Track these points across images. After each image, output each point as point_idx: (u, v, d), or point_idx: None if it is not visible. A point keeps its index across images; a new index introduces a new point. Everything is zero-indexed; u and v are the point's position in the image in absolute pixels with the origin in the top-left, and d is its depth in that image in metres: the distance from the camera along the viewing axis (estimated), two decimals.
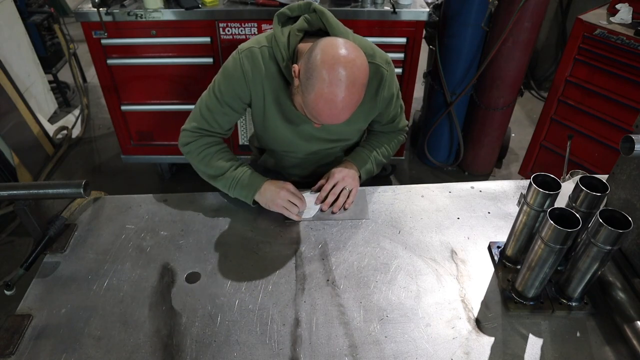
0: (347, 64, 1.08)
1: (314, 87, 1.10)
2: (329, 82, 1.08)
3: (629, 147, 0.91)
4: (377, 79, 1.36)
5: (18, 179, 2.83)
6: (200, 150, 1.42)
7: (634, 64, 2.17)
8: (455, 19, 2.56)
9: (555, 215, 0.93)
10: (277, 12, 1.30)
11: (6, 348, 1.00)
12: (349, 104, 1.12)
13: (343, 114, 1.14)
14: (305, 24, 1.27)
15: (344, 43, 1.12)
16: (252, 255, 1.24)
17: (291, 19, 1.31)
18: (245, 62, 1.31)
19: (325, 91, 1.09)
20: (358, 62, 1.11)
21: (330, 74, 1.07)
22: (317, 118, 1.17)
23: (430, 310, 1.09)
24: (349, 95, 1.10)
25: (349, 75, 1.08)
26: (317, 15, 1.26)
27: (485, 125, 2.89)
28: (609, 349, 1.01)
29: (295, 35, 1.26)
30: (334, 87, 1.08)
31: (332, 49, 1.10)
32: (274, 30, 1.28)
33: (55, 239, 1.26)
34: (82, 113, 3.67)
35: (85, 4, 2.29)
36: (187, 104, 2.63)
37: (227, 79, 1.35)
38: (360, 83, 1.12)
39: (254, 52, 1.31)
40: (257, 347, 1.01)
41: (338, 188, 1.40)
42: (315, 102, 1.12)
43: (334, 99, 1.09)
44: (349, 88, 1.09)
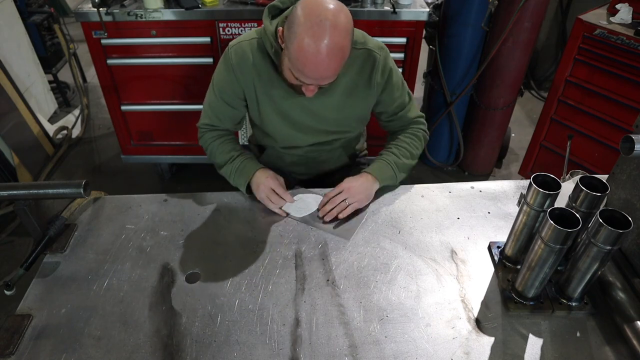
0: (326, 9, 1.09)
1: (295, 35, 1.10)
2: (310, 28, 1.08)
3: (629, 147, 0.91)
4: (369, 63, 1.36)
5: (18, 179, 2.83)
6: (208, 144, 1.49)
7: (634, 64, 2.16)
8: (455, 19, 2.56)
9: (555, 215, 0.93)
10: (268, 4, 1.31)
11: (6, 348, 1.00)
12: (332, 50, 1.11)
13: (329, 62, 1.13)
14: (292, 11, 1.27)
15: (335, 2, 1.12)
16: (252, 255, 1.24)
17: (283, 11, 1.32)
18: (233, 57, 1.33)
19: (307, 34, 1.09)
20: (338, 7, 1.12)
21: (311, 19, 1.08)
22: (304, 72, 1.15)
23: (430, 310, 1.09)
24: (332, 40, 1.09)
25: (332, 20, 1.09)
26: None
27: (485, 125, 2.89)
28: (609, 349, 1.01)
29: (283, 23, 1.24)
30: (315, 29, 1.08)
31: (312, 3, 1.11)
32: (264, 21, 1.29)
33: (55, 239, 1.26)
34: (82, 113, 3.67)
35: (85, 4, 2.29)
36: (187, 104, 2.63)
37: (220, 75, 1.38)
38: (342, 27, 1.11)
39: (243, 45, 1.33)
40: (257, 347, 1.01)
41: (339, 198, 1.35)
42: (298, 51, 1.11)
43: (317, 46, 1.09)
44: (331, 32, 1.09)
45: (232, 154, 1.44)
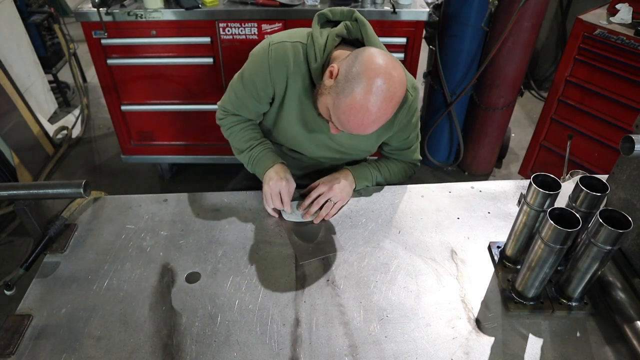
0: (390, 78, 1.07)
1: (352, 91, 1.08)
2: (369, 90, 1.06)
3: (629, 147, 0.91)
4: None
5: (18, 179, 2.83)
6: (228, 127, 1.48)
7: (634, 64, 2.17)
8: (455, 19, 2.56)
9: (555, 215, 0.93)
10: (318, 11, 1.29)
11: (6, 348, 1.00)
12: (380, 117, 1.11)
13: (371, 126, 1.12)
14: (344, 30, 1.25)
15: (390, 58, 1.11)
16: (252, 255, 1.24)
17: (330, 22, 1.30)
18: (273, 55, 1.29)
19: (362, 98, 1.07)
20: (400, 79, 1.10)
21: (373, 83, 1.06)
22: (344, 124, 1.14)
23: (430, 310, 1.09)
24: (384, 108, 1.09)
25: (389, 89, 1.07)
26: (357, 25, 1.25)
27: (485, 125, 2.90)
28: (609, 349, 1.01)
29: (334, 40, 1.24)
30: (373, 96, 1.06)
31: (378, 59, 1.09)
32: (313, 29, 1.27)
33: (55, 239, 1.26)
34: (82, 113, 3.67)
35: (85, 4, 2.29)
36: (187, 104, 2.63)
37: (254, 68, 1.34)
38: (396, 99, 1.11)
39: (285, 46, 1.28)
40: (257, 347, 1.01)
41: (322, 199, 1.35)
42: (349, 107, 1.09)
43: (369, 107, 1.08)
44: (386, 101, 1.08)
45: (252, 143, 1.44)
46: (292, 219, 1.35)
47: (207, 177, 3.12)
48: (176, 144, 2.83)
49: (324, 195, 1.35)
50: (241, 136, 1.46)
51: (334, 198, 1.35)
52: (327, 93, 1.15)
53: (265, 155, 1.42)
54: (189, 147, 2.83)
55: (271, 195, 1.34)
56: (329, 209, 1.35)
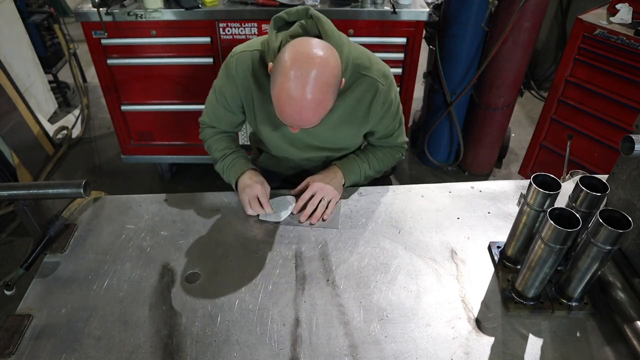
0: (310, 60, 1.06)
1: (276, 81, 1.09)
2: (291, 77, 1.06)
3: (629, 147, 0.91)
4: (371, 91, 1.32)
5: (18, 179, 2.83)
6: (207, 138, 1.53)
7: (634, 64, 2.16)
8: (455, 19, 2.56)
9: (555, 215, 0.93)
10: (274, 15, 1.28)
11: (6, 348, 1.00)
12: (311, 105, 1.09)
13: (307, 114, 1.11)
14: (300, 29, 1.22)
15: (315, 42, 1.10)
16: (252, 255, 1.24)
17: (289, 24, 1.28)
18: (234, 66, 1.32)
19: (286, 86, 1.07)
20: (324, 60, 1.08)
21: (293, 69, 1.06)
22: (282, 117, 1.14)
23: (430, 310, 1.09)
24: (311, 93, 1.07)
25: (311, 72, 1.05)
26: (313, 22, 1.21)
27: (485, 125, 2.89)
28: (609, 349, 1.01)
29: (288, 41, 1.21)
30: (294, 82, 1.06)
31: (301, 46, 1.09)
32: (269, 34, 1.26)
33: (55, 239, 1.26)
34: (82, 113, 3.67)
35: (85, 4, 2.29)
36: (187, 104, 2.63)
37: (221, 81, 1.39)
38: (323, 82, 1.08)
39: (245, 55, 1.32)
40: (257, 347, 1.01)
41: (316, 199, 1.36)
42: (277, 98, 1.10)
43: (293, 94, 1.07)
44: (311, 85, 1.06)
45: (226, 152, 1.47)
46: (271, 219, 1.35)
47: (207, 177, 3.12)
48: (176, 144, 2.83)
49: (317, 195, 1.37)
50: (216, 147, 1.50)
51: (327, 196, 1.36)
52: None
53: (236, 162, 1.44)
54: (189, 147, 2.83)
55: (249, 201, 1.35)
56: (324, 207, 1.35)
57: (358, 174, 1.47)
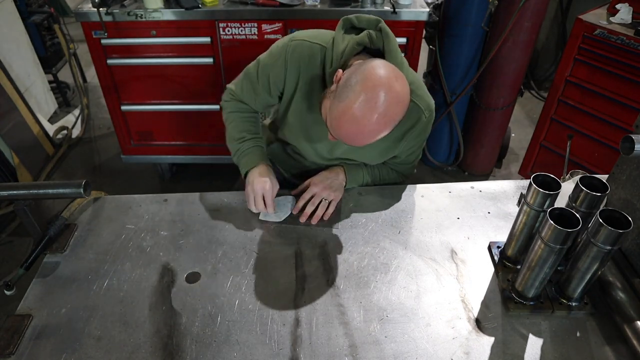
0: (389, 91, 1.03)
1: (346, 98, 1.05)
2: (363, 100, 1.02)
3: (629, 147, 0.91)
4: (412, 119, 1.29)
5: (18, 179, 2.83)
6: (229, 111, 1.48)
7: (634, 64, 2.17)
8: (455, 19, 2.56)
9: (555, 215, 0.93)
10: (344, 17, 1.26)
11: (6, 348, 1.00)
12: (373, 131, 1.07)
13: (363, 139, 1.09)
14: (367, 39, 1.21)
15: (396, 73, 1.07)
16: (252, 255, 1.24)
17: (355, 29, 1.27)
18: (291, 50, 1.28)
19: (355, 107, 1.03)
20: (399, 95, 1.05)
21: (368, 94, 1.02)
22: (336, 131, 1.11)
23: (430, 310, 1.09)
24: (377, 122, 1.04)
25: (384, 103, 1.02)
26: (381, 35, 1.20)
27: (485, 125, 2.90)
28: (609, 349, 1.01)
29: (353, 48, 1.21)
30: (366, 107, 1.02)
31: (381, 70, 1.05)
32: (336, 34, 1.25)
33: (55, 239, 1.26)
34: (82, 113, 3.67)
35: (85, 4, 2.29)
36: (187, 104, 2.63)
37: (271, 59, 1.34)
38: (393, 116, 1.06)
39: (305, 46, 1.28)
40: (257, 347, 1.01)
41: (317, 199, 1.35)
42: (341, 114, 1.06)
43: (361, 119, 1.04)
44: (380, 116, 1.03)
45: (244, 135, 1.43)
46: (271, 219, 1.34)
47: (207, 177, 3.12)
48: (176, 144, 2.83)
49: (318, 195, 1.36)
50: (237, 124, 1.45)
51: (327, 197, 1.36)
52: (328, 97, 1.14)
53: (252, 152, 1.40)
54: (189, 147, 2.83)
55: (254, 197, 1.33)
56: (324, 208, 1.35)
57: (360, 180, 1.46)
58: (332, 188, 1.38)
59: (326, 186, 1.38)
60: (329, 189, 1.37)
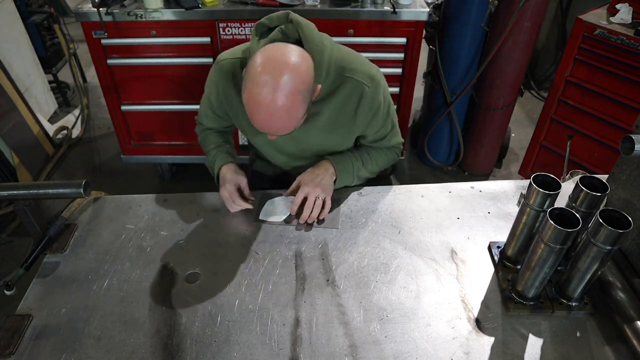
0: (279, 66, 1.04)
1: (246, 87, 1.07)
2: (259, 82, 1.03)
3: (629, 147, 0.91)
4: (356, 94, 1.29)
5: (18, 179, 2.83)
6: (200, 138, 1.59)
7: (634, 64, 2.16)
8: (455, 19, 2.56)
9: (555, 215, 0.93)
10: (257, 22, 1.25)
11: (6, 348, 1.00)
12: (280, 110, 1.06)
13: (276, 121, 1.08)
14: (280, 35, 1.20)
15: (286, 48, 1.08)
16: (252, 255, 1.24)
17: (271, 30, 1.25)
18: (216, 74, 1.34)
19: (254, 91, 1.04)
20: (294, 66, 1.05)
21: (262, 75, 1.03)
22: (253, 123, 1.11)
23: (430, 310, 1.09)
24: (278, 99, 1.04)
25: (280, 78, 1.03)
26: (293, 26, 1.19)
27: (485, 125, 2.89)
28: (609, 349, 1.01)
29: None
30: (263, 88, 1.03)
31: (272, 51, 1.07)
32: (251, 41, 1.24)
33: (55, 239, 1.26)
34: (82, 113, 3.67)
35: (85, 4, 2.29)
36: (187, 104, 2.63)
37: (208, 85, 1.42)
38: (292, 89, 1.05)
39: (227, 63, 1.33)
40: (257, 347, 1.01)
41: (311, 200, 1.33)
42: (246, 103, 1.08)
43: (261, 100, 1.04)
44: (279, 91, 1.03)
45: (210, 147, 1.51)
46: (271, 219, 1.34)
47: (207, 177, 3.11)
48: (176, 144, 2.83)
49: (311, 195, 1.33)
50: (205, 143, 1.54)
51: (320, 195, 1.34)
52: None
53: (217, 158, 1.46)
54: (189, 147, 2.83)
55: (230, 196, 1.35)
56: (319, 208, 1.33)
57: (351, 172, 1.43)
58: (322, 185, 1.35)
59: (316, 184, 1.35)
60: (319, 187, 1.35)
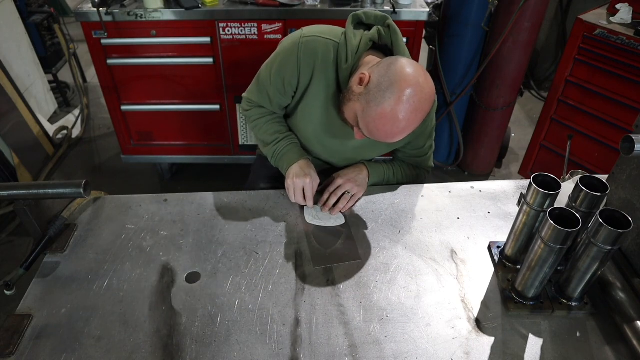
0: (420, 89, 1.08)
1: (383, 101, 1.08)
2: (400, 101, 1.07)
3: (629, 147, 0.91)
4: None
5: (18, 179, 2.83)
6: (254, 119, 1.48)
7: (634, 64, 2.17)
8: (455, 19, 2.56)
9: (555, 215, 0.93)
10: (352, 12, 1.28)
11: (6, 348, 1.00)
12: (408, 127, 1.12)
13: (399, 135, 1.14)
14: (377, 35, 1.25)
15: (420, 68, 1.11)
16: (252, 255, 1.24)
17: (362, 25, 1.29)
18: (303, 48, 1.28)
19: (393, 108, 1.07)
20: (429, 90, 1.11)
21: (404, 94, 1.06)
22: (373, 132, 1.14)
23: (430, 310, 1.09)
24: (413, 118, 1.10)
25: (420, 100, 1.08)
26: (389, 32, 1.24)
27: (485, 125, 2.90)
28: (609, 349, 1.01)
29: (366, 44, 1.23)
30: (404, 106, 1.07)
31: (411, 70, 1.09)
32: (347, 30, 1.26)
33: (55, 239, 1.26)
34: (82, 113, 3.67)
35: (85, 4, 2.29)
36: (187, 104, 2.63)
37: (283, 59, 1.33)
38: (425, 109, 1.11)
39: (318, 41, 1.28)
40: (257, 347, 1.01)
41: (340, 191, 1.37)
42: (379, 116, 1.10)
43: (399, 117, 1.08)
44: (415, 112, 1.09)
45: (277, 136, 1.44)
46: (316, 222, 1.34)
47: (207, 177, 3.12)
48: (176, 144, 2.83)
49: (341, 188, 1.37)
50: (266, 129, 1.45)
51: (351, 190, 1.38)
52: (356, 100, 1.15)
53: (290, 150, 1.42)
54: (189, 147, 2.83)
55: (294, 190, 1.35)
56: (346, 200, 1.36)
57: (382, 177, 1.48)
58: (357, 182, 1.40)
59: (351, 179, 1.39)
60: (354, 183, 1.39)
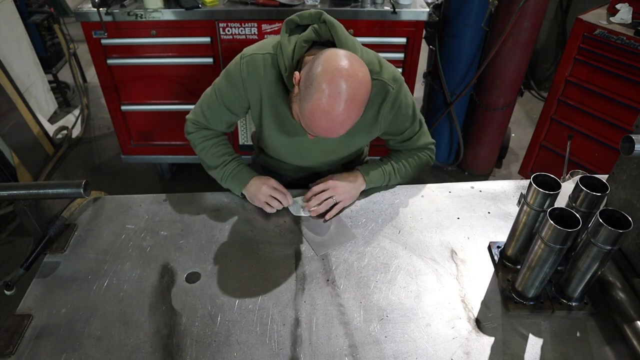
0: (348, 77, 1.04)
1: (312, 97, 1.06)
2: (328, 94, 1.03)
3: (629, 147, 0.91)
4: (381, 95, 1.30)
5: (18, 179, 2.83)
6: (200, 142, 1.47)
7: (634, 64, 2.17)
8: (455, 19, 2.56)
9: (555, 215, 0.93)
10: (287, 18, 1.27)
11: (6, 348, 1.00)
12: (346, 119, 1.08)
13: (339, 129, 1.10)
14: (313, 34, 1.22)
15: (348, 56, 1.08)
16: (252, 255, 1.24)
17: (300, 27, 1.28)
18: (244, 68, 1.29)
19: (323, 102, 1.05)
20: (360, 76, 1.07)
21: (330, 86, 1.03)
22: (312, 129, 1.12)
23: (430, 310, 1.09)
24: (347, 110, 1.06)
25: (349, 89, 1.04)
26: (326, 27, 1.21)
27: (485, 125, 2.89)
28: (609, 349, 1.01)
29: (302, 47, 1.22)
30: (333, 99, 1.04)
31: (335, 60, 1.06)
32: (281, 38, 1.25)
33: (55, 239, 1.26)
34: (82, 113, 3.67)
35: (85, 4, 2.29)
36: (187, 104, 2.63)
37: (228, 82, 1.35)
38: (360, 99, 1.07)
39: (256, 58, 1.29)
40: (257, 347, 1.01)
41: (324, 195, 1.35)
42: (311, 113, 1.08)
43: (331, 111, 1.05)
44: (348, 102, 1.05)
45: (225, 158, 1.44)
46: (303, 214, 1.36)
47: (207, 177, 3.11)
48: (176, 144, 2.83)
49: (327, 192, 1.36)
50: (214, 152, 1.45)
51: (336, 197, 1.36)
52: (295, 101, 1.14)
53: (240, 171, 1.42)
54: (189, 147, 2.80)
55: (266, 203, 1.35)
56: (328, 206, 1.35)
57: (382, 179, 1.44)
58: (344, 190, 1.37)
59: (339, 186, 1.36)
60: (342, 189, 1.36)
